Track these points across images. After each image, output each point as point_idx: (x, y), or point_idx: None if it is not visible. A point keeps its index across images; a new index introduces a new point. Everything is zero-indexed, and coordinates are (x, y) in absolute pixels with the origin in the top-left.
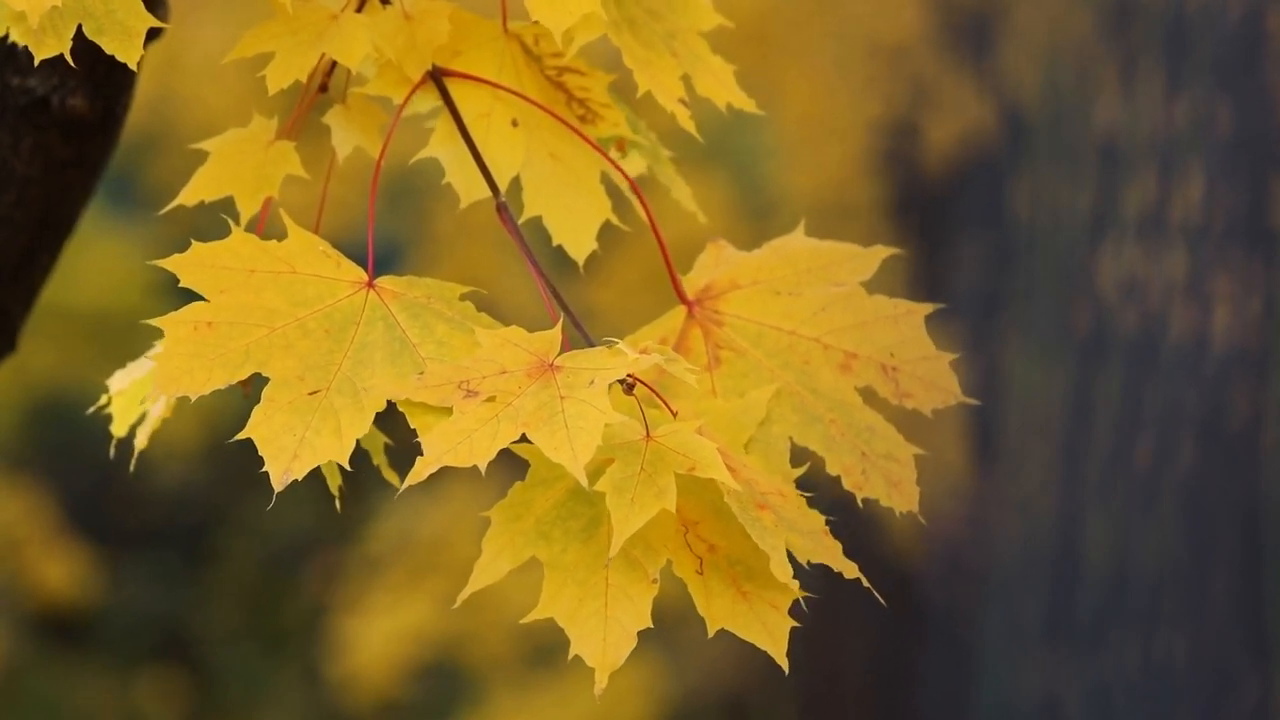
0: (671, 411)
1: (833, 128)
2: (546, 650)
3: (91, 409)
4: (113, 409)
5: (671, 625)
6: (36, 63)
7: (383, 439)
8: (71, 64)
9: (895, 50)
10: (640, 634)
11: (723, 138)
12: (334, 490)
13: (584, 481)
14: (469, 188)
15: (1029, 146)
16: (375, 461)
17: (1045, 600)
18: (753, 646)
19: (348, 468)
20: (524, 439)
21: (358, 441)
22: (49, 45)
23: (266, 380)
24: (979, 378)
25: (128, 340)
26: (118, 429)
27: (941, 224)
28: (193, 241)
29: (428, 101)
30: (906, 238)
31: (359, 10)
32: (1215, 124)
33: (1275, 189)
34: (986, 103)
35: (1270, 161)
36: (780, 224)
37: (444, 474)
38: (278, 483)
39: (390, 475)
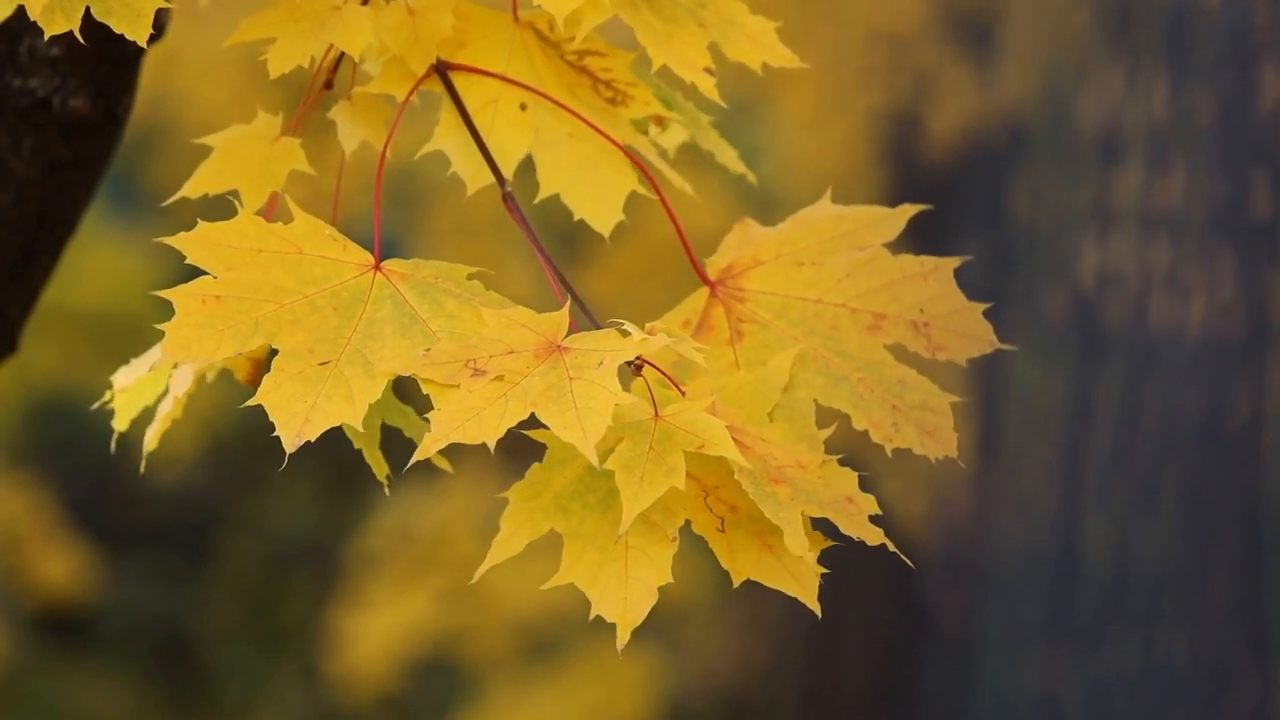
0: (680, 391)
1: (833, 121)
2: (545, 646)
3: (95, 405)
4: (115, 404)
5: (671, 623)
6: (46, 37)
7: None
8: (80, 40)
9: (895, 41)
10: (640, 631)
11: (723, 135)
12: (381, 478)
13: (594, 460)
14: (475, 175)
15: (1028, 144)
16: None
17: (1045, 599)
18: (752, 644)
19: (360, 429)
20: (533, 420)
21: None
22: (58, 23)
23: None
24: (979, 377)
25: (129, 341)
26: (120, 424)
27: (941, 222)
28: (199, 221)
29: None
30: (906, 237)
31: (363, 3)
32: (1219, 119)
33: None
34: (987, 97)
35: (1274, 160)
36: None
37: (443, 469)
38: (290, 445)
39: (440, 461)
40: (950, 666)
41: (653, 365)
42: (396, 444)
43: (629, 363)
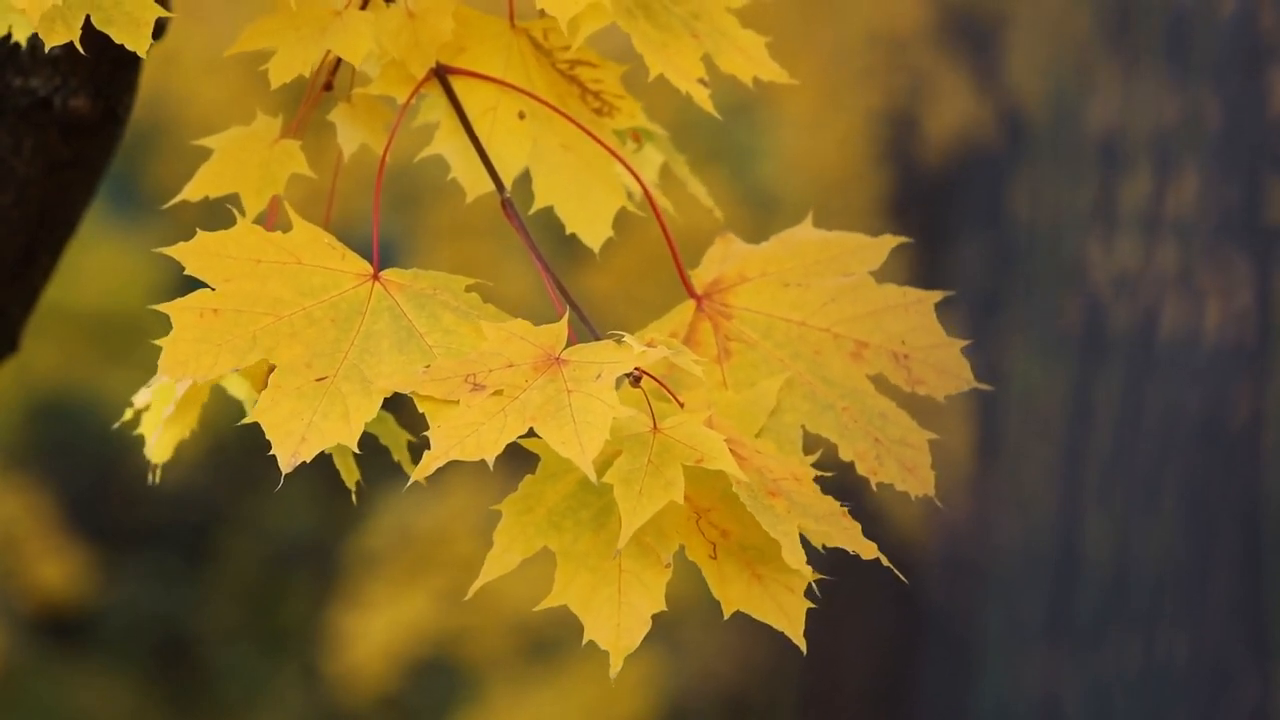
0: (679, 404)
1: (832, 121)
2: (545, 645)
3: (116, 424)
4: (144, 429)
5: (671, 622)
6: (47, 49)
7: (405, 435)
8: (81, 51)
9: (895, 41)
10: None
11: (721, 137)
12: (350, 485)
13: (592, 476)
14: (474, 183)
15: (1028, 144)
16: (396, 457)
17: (1045, 599)
18: (752, 644)
19: (356, 451)
20: (531, 433)
21: (376, 438)
22: (59, 34)
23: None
24: (979, 377)
25: (130, 341)
26: (149, 452)
27: (941, 223)
28: (198, 230)
29: (437, 107)
30: (907, 236)
31: (363, 8)
32: (1227, 123)
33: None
34: (986, 98)
35: (1273, 160)
36: (780, 224)
37: (444, 468)
38: (286, 465)
39: (414, 471)
40: (950, 666)
41: (651, 377)
42: (381, 446)
43: (627, 374)
